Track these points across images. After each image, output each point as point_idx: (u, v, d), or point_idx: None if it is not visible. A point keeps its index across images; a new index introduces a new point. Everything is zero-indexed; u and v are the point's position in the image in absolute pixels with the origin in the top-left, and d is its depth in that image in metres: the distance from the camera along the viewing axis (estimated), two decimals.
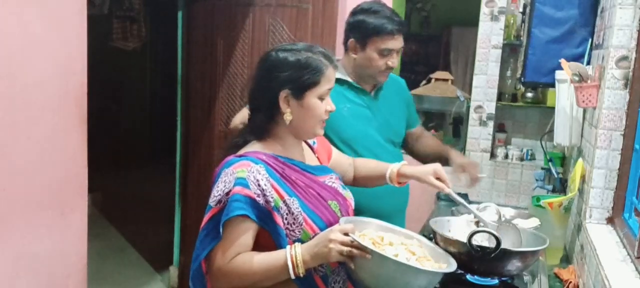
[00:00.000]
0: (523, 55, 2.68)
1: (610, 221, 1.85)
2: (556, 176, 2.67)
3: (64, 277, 1.87)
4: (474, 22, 3.28)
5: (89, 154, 1.89)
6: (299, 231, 1.35)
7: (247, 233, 1.32)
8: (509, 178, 3.34)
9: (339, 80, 1.98)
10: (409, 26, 5.39)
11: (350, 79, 2.00)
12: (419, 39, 5.89)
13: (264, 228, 1.34)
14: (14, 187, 1.63)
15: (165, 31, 6.24)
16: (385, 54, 1.92)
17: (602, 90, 1.86)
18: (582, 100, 1.96)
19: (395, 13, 1.93)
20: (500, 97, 3.38)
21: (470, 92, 3.38)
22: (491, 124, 3.31)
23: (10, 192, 1.62)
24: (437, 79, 3.59)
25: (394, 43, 1.92)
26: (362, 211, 1.72)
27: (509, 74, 3.41)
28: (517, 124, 3.49)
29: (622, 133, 1.80)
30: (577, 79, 1.99)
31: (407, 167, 1.65)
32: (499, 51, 3.22)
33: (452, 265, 1.38)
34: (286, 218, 1.35)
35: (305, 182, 1.41)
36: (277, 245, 1.34)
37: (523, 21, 3.05)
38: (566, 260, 2.14)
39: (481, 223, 1.61)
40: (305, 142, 1.56)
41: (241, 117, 1.58)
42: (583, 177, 2.03)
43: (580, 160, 2.09)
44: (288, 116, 1.38)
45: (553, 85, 2.39)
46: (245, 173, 1.31)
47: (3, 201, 1.60)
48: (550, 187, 2.80)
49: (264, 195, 1.31)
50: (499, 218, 1.76)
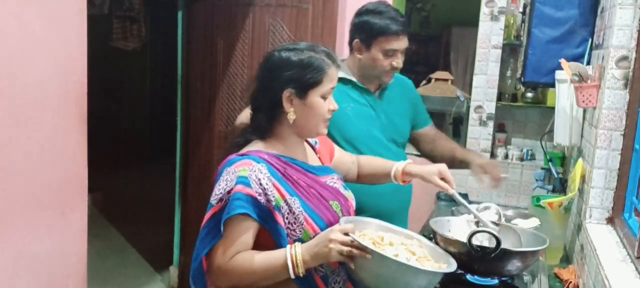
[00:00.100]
0: (523, 55, 2.68)
1: (610, 221, 1.85)
2: (556, 176, 2.67)
3: (64, 277, 1.87)
4: (474, 22, 3.28)
5: (89, 154, 1.89)
6: (300, 231, 1.36)
7: (247, 232, 1.32)
8: (509, 178, 3.33)
9: (343, 80, 1.98)
10: (409, 26, 5.37)
11: (354, 79, 2.01)
12: (419, 39, 5.87)
13: (264, 228, 1.34)
14: (14, 187, 1.63)
15: (165, 31, 6.25)
16: (390, 54, 1.92)
17: (602, 90, 1.86)
18: (582, 100, 1.96)
19: (400, 14, 1.93)
20: (500, 97, 3.37)
21: (470, 92, 3.38)
22: (491, 123, 3.31)
23: (10, 192, 1.62)
24: (437, 79, 3.59)
25: (399, 43, 1.92)
26: (365, 210, 1.72)
27: (509, 74, 3.40)
28: (517, 124, 3.48)
29: (622, 133, 1.80)
30: (577, 79, 1.99)
31: (412, 166, 1.65)
32: (499, 51, 3.22)
33: (452, 265, 1.38)
34: (287, 218, 1.35)
35: (306, 181, 1.41)
36: (278, 245, 1.34)
37: (523, 21, 3.05)
38: (566, 260, 2.14)
39: (481, 224, 1.61)
40: (307, 142, 1.56)
41: (246, 115, 1.58)
42: (583, 177, 2.03)
43: (580, 160, 2.09)
44: (291, 115, 1.38)
45: (553, 85, 2.39)
46: (247, 172, 1.31)
47: (3, 201, 1.60)
48: (550, 187, 2.80)
49: (266, 194, 1.31)
50: (499, 218, 1.76)
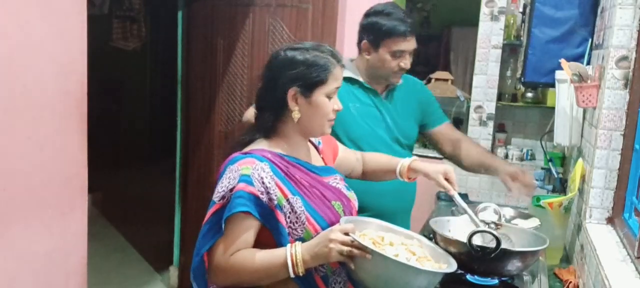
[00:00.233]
0: (523, 55, 2.67)
1: (610, 221, 1.85)
2: (556, 176, 2.67)
3: (64, 277, 1.87)
4: (474, 22, 3.28)
5: (89, 154, 1.89)
6: (302, 230, 1.36)
7: (248, 231, 1.32)
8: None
9: (350, 80, 1.99)
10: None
11: (361, 79, 2.01)
12: (419, 39, 5.84)
13: (265, 227, 1.34)
14: (14, 187, 1.63)
15: (165, 31, 6.26)
16: (397, 55, 1.93)
17: (602, 90, 1.86)
18: (582, 100, 1.96)
19: (408, 15, 1.93)
20: (500, 97, 3.37)
21: (470, 92, 3.38)
22: (491, 123, 3.31)
23: (10, 192, 1.62)
24: (437, 79, 3.59)
25: (407, 44, 1.93)
26: (366, 210, 1.71)
27: (509, 74, 3.40)
28: (517, 124, 3.48)
29: (622, 133, 1.80)
30: (577, 79, 1.99)
31: (418, 162, 1.65)
32: (499, 51, 3.22)
33: (452, 266, 1.38)
34: (289, 217, 1.35)
35: (309, 181, 1.42)
36: (278, 244, 1.34)
37: (523, 21, 3.04)
38: (566, 260, 2.14)
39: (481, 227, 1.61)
40: (310, 142, 1.56)
41: (252, 112, 1.58)
42: (583, 177, 2.03)
43: (580, 160, 2.09)
44: (296, 114, 1.38)
45: (553, 85, 2.39)
46: (250, 171, 1.32)
47: (3, 201, 1.60)
48: (550, 187, 2.80)
49: (268, 193, 1.32)
50: (499, 218, 1.76)
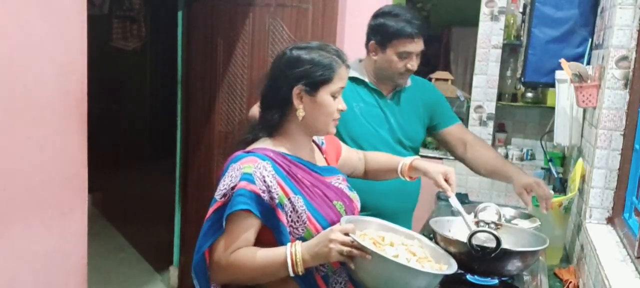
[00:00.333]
0: (523, 55, 2.68)
1: (610, 221, 1.85)
2: (556, 176, 2.67)
3: (64, 277, 1.86)
4: (474, 22, 3.28)
5: (89, 154, 1.89)
6: (303, 229, 1.36)
7: (249, 229, 1.33)
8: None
9: (355, 79, 1.99)
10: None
11: (366, 79, 2.01)
12: None
13: (266, 225, 1.34)
14: (14, 187, 1.63)
15: (165, 31, 6.26)
16: (404, 56, 1.93)
17: (602, 90, 1.86)
18: (582, 100, 1.96)
19: (415, 16, 1.92)
20: (500, 97, 3.37)
21: (470, 92, 3.38)
22: (491, 123, 3.31)
23: (10, 192, 1.62)
24: (437, 79, 3.59)
25: (414, 46, 1.92)
26: (369, 209, 1.71)
27: (509, 74, 3.40)
28: (517, 123, 3.48)
29: (622, 133, 1.80)
30: (577, 79, 1.99)
31: (419, 161, 1.65)
32: (499, 51, 3.22)
33: (452, 267, 1.38)
34: (290, 216, 1.35)
35: (311, 181, 1.42)
36: (279, 243, 1.34)
37: (523, 21, 3.05)
38: (566, 260, 2.14)
39: (481, 224, 1.61)
40: (314, 142, 1.57)
41: (257, 108, 1.58)
42: (583, 177, 2.03)
43: (580, 160, 2.09)
44: (300, 112, 1.39)
45: (553, 85, 2.39)
46: (252, 169, 1.32)
47: (3, 201, 1.60)
48: (550, 187, 2.80)
49: (269, 192, 1.32)
50: (499, 218, 1.76)
